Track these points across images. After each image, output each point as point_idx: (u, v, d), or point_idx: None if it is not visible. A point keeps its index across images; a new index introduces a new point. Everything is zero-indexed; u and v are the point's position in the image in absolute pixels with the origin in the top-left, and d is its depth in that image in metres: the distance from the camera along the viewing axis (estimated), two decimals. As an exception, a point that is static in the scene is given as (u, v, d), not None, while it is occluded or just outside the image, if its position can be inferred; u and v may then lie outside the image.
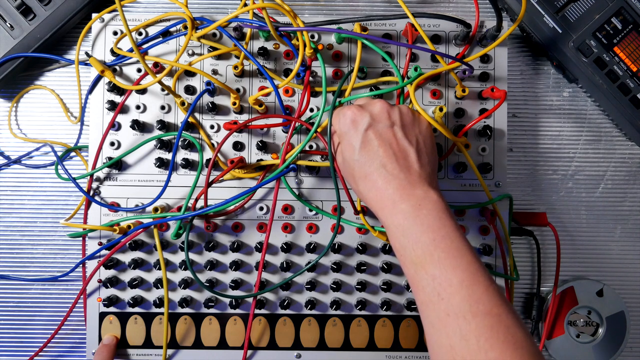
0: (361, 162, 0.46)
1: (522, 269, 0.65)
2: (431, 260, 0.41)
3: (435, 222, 0.43)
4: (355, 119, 0.47)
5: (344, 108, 0.49)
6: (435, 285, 0.40)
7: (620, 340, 0.64)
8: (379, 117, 0.47)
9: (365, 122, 0.46)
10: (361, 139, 0.46)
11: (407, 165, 0.46)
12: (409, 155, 0.46)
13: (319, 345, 0.60)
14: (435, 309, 0.40)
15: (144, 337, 0.60)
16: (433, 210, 0.43)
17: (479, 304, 0.39)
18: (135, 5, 0.64)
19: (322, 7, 0.66)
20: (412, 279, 0.43)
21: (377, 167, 0.45)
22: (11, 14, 0.60)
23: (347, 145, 0.48)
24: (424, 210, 0.43)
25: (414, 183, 0.45)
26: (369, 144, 0.46)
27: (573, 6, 0.61)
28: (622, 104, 0.61)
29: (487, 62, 0.60)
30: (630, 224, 0.66)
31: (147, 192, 0.60)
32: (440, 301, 0.40)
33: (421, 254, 0.42)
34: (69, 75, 0.65)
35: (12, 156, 0.65)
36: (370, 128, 0.46)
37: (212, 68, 0.60)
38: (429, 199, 0.44)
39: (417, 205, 0.43)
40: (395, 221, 0.44)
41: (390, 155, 0.45)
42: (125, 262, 0.60)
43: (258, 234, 0.60)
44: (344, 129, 0.48)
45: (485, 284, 0.40)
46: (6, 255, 0.65)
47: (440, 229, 0.42)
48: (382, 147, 0.46)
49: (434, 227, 0.42)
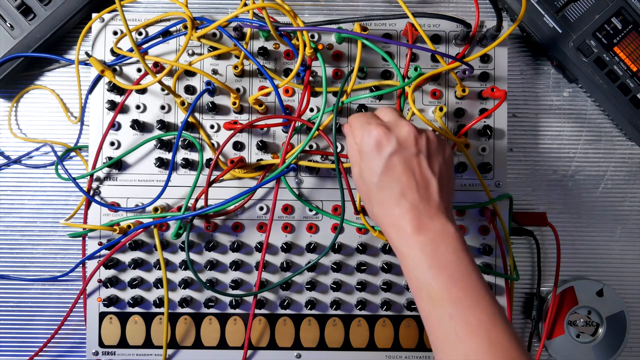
0: (380, 187, 0.45)
1: (522, 269, 0.65)
2: (449, 298, 0.41)
3: (453, 258, 0.42)
4: (381, 141, 0.45)
5: (370, 125, 0.46)
6: (453, 324, 0.40)
7: (620, 340, 0.64)
8: (406, 143, 0.45)
9: (391, 148, 0.44)
10: (384, 164, 0.44)
11: (428, 195, 0.44)
12: (430, 185, 0.45)
13: (319, 345, 0.60)
14: (452, 348, 0.40)
15: (144, 337, 0.60)
16: (451, 245, 0.43)
17: (498, 347, 0.39)
18: (135, 5, 0.64)
19: (322, 7, 0.66)
20: (427, 314, 0.42)
21: (397, 195, 0.44)
22: (11, 14, 0.60)
23: (367, 166, 0.46)
24: (442, 245, 0.42)
25: (432, 215, 0.44)
26: (392, 170, 0.44)
27: (573, 6, 0.61)
28: (622, 104, 0.61)
29: (487, 62, 0.60)
30: (630, 224, 0.66)
31: (147, 192, 0.60)
32: (457, 341, 0.40)
33: (438, 290, 0.41)
34: (69, 75, 0.65)
35: (12, 156, 0.65)
36: (395, 154, 0.44)
37: (212, 68, 0.60)
38: (447, 233, 0.43)
39: (435, 239, 0.43)
40: (411, 253, 0.43)
41: (412, 185, 0.44)
42: (125, 262, 0.60)
43: (258, 234, 0.60)
44: (367, 149, 0.45)
45: (503, 327, 0.40)
46: (6, 255, 0.65)
47: (459, 266, 0.42)
48: (405, 175, 0.44)
49: (451, 264, 0.42)
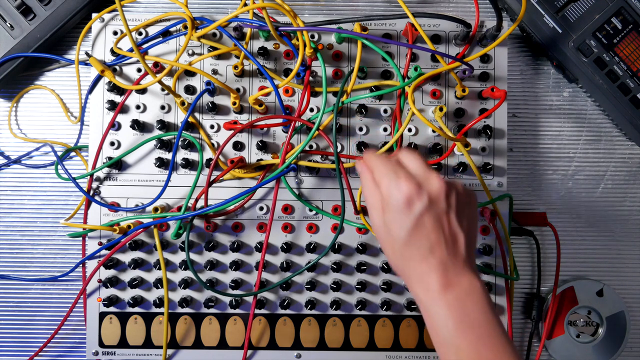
0: (408, 243, 0.44)
1: (522, 269, 0.65)
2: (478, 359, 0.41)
3: (481, 318, 0.42)
4: (412, 199, 0.43)
5: (400, 178, 0.44)
6: None
7: (620, 340, 0.64)
8: (437, 200, 0.44)
9: (422, 206, 0.43)
10: (414, 222, 0.43)
11: (456, 251, 0.44)
12: (458, 240, 0.44)
13: (319, 345, 0.60)
14: None
15: (144, 337, 0.60)
16: (478, 303, 0.42)
17: None
18: (135, 5, 0.64)
19: (322, 7, 0.66)
20: None
21: (425, 252, 0.43)
22: (11, 14, 0.60)
23: (395, 221, 0.44)
24: (469, 304, 0.42)
25: (459, 270, 0.43)
26: (422, 228, 0.43)
27: (573, 6, 0.61)
28: (622, 104, 0.61)
29: (487, 62, 0.60)
30: (630, 224, 0.66)
31: (147, 192, 0.60)
32: None
33: (466, 349, 0.41)
34: (69, 75, 0.65)
35: (12, 156, 0.65)
36: (426, 213, 0.43)
37: (212, 68, 0.60)
38: (474, 289, 0.43)
39: (462, 297, 0.43)
40: (438, 310, 0.43)
41: (441, 241, 0.43)
42: (125, 262, 0.60)
43: (258, 234, 0.60)
44: (396, 204, 0.43)
45: None
46: (6, 255, 0.65)
47: (487, 326, 0.42)
48: (435, 232, 0.43)
49: (480, 324, 0.42)
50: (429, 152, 0.60)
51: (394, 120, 0.58)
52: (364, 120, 0.60)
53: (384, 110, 0.59)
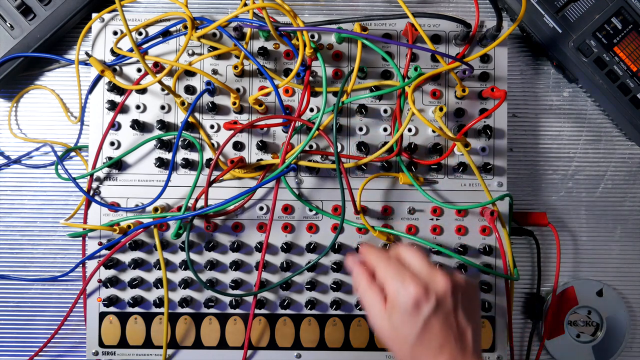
0: (417, 344, 0.44)
1: (522, 269, 0.65)
2: None
3: None
4: (420, 301, 0.43)
5: (405, 280, 0.44)
6: None
7: (620, 340, 0.64)
8: (444, 299, 0.44)
9: (430, 308, 0.44)
10: (423, 324, 0.44)
11: (464, 345, 0.45)
12: (466, 335, 0.45)
13: (319, 345, 0.60)
14: None
15: (144, 337, 0.60)
16: None
17: None
18: (135, 5, 0.64)
19: (322, 7, 0.66)
20: None
21: (435, 350, 0.44)
22: (11, 14, 0.60)
23: (403, 323, 0.44)
24: None
25: None
26: (431, 328, 0.44)
27: (573, 6, 0.61)
28: (622, 104, 0.61)
29: (487, 62, 0.60)
30: (630, 224, 0.66)
31: (147, 192, 0.60)
32: None
33: None
34: (69, 75, 0.65)
35: (12, 156, 0.65)
36: (434, 315, 0.44)
37: (212, 68, 0.60)
38: None
39: None
40: None
41: (450, 339, 0.44)
42: (125, 262, 0.60)
43: (258, 234, 0.60)
44: (403, 306, 0.44)
45: None
46: (6, 255, 0.65)
47: None
48: (443, 331, 0.44)
49: None
50: (429, 152, 0.60)
51: (394, 120, 0.58)
52: (364, 120, 0.60)
53: (384, 110, 0.59)
